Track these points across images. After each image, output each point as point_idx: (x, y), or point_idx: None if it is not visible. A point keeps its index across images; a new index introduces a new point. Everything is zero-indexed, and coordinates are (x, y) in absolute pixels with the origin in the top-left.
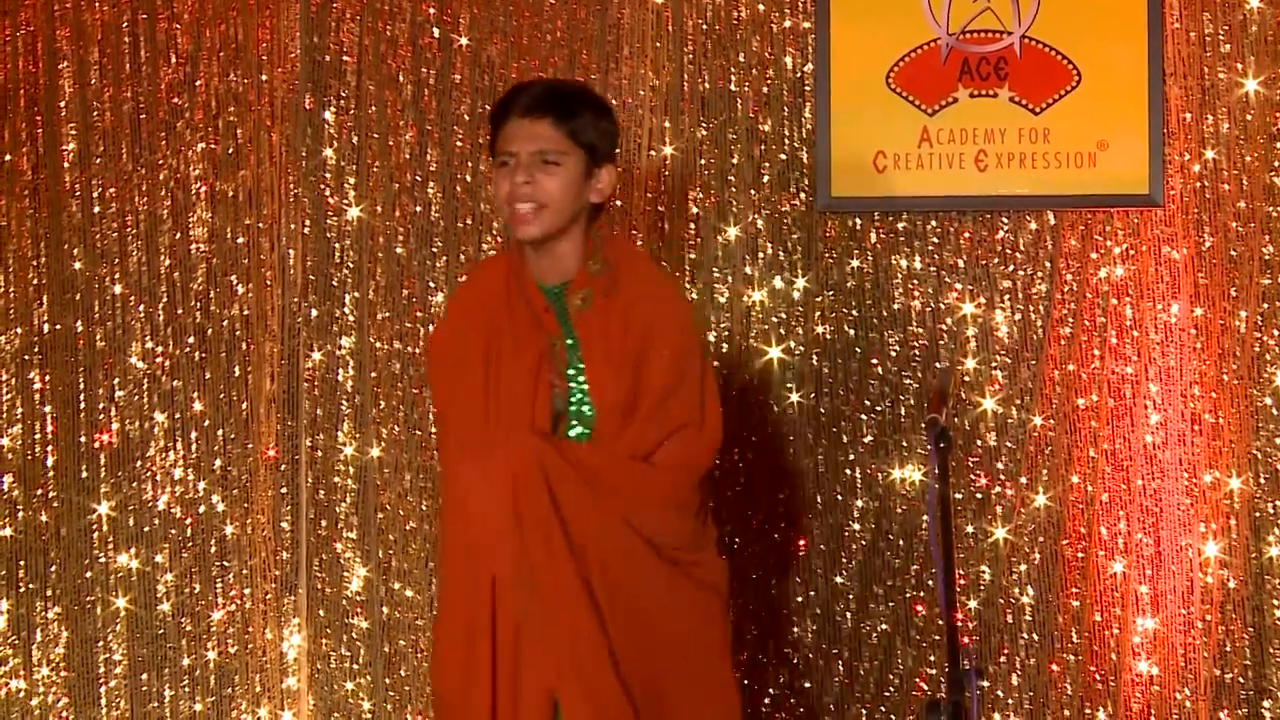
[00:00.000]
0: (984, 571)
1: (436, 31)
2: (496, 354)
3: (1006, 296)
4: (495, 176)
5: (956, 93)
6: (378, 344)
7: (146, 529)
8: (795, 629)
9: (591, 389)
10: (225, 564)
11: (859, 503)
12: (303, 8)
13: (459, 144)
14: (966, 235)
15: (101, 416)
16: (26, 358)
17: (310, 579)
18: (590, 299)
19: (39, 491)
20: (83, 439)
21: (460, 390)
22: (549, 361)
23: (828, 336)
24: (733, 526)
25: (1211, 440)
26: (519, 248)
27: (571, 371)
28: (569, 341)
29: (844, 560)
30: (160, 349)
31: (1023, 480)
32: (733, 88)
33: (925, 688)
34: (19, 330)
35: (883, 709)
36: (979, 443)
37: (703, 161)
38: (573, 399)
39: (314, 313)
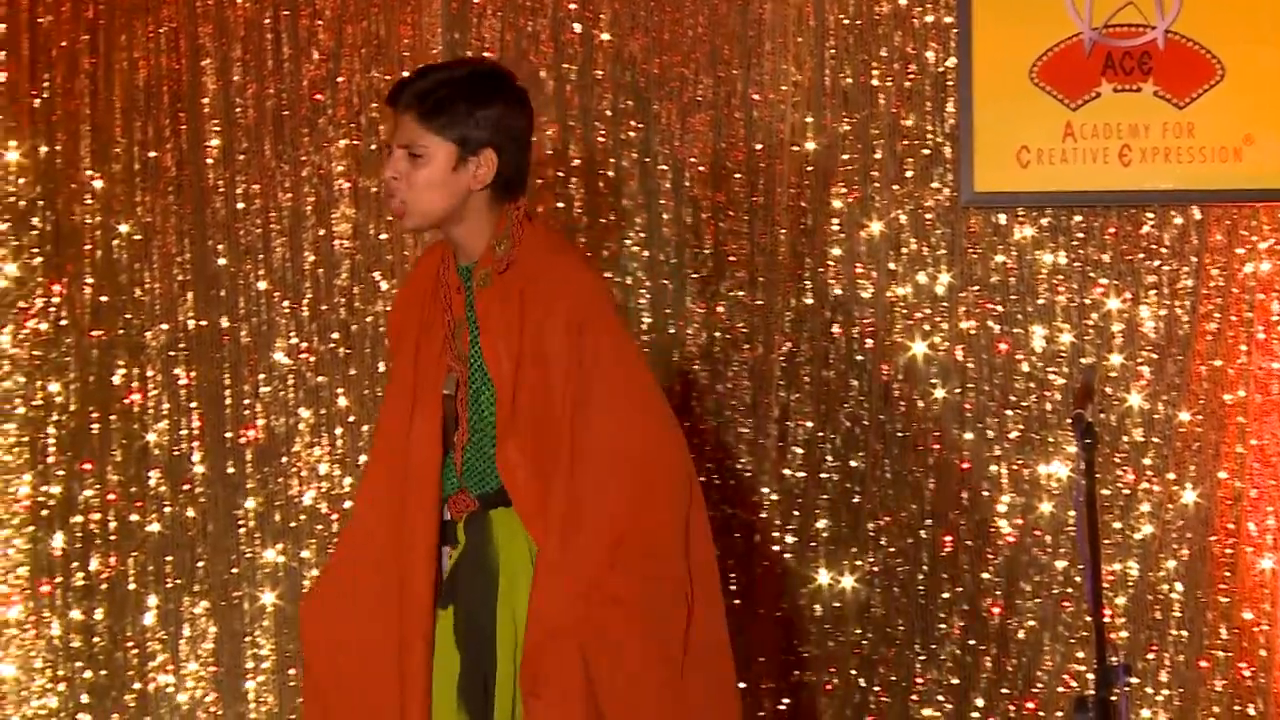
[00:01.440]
0: (1131, 568)
1: (578, 27)
2: (422, 337)
3: (1152, 292)
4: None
5: (1100, 87)
6: None
7: (292, 524)
8: (942, 625)
9: (489, 364)
10: None
11: (1005, 499)
12: (444, 3)
13: (601, 140)
14: (1111, 230)
15: (247, 412)
16: (172, 354)
17: None
18: (489, 278)
19: (186, 487)
20: (228, 435)
21: (393, 366)
22: (449, 344)
23: (972, 332)
24: (877, 524)
25: None
26: None
27: (475, 352)
28: (472, 322)
29: (990, 556)
30: (304, 345)
31: (1170, 476)
32: (875, 82)
33: (1073, 684)
34: (165, 327)
35: (1030, 706)
36: (1125, 439)
37: (845, 157)
38: (473, 379)
39: None
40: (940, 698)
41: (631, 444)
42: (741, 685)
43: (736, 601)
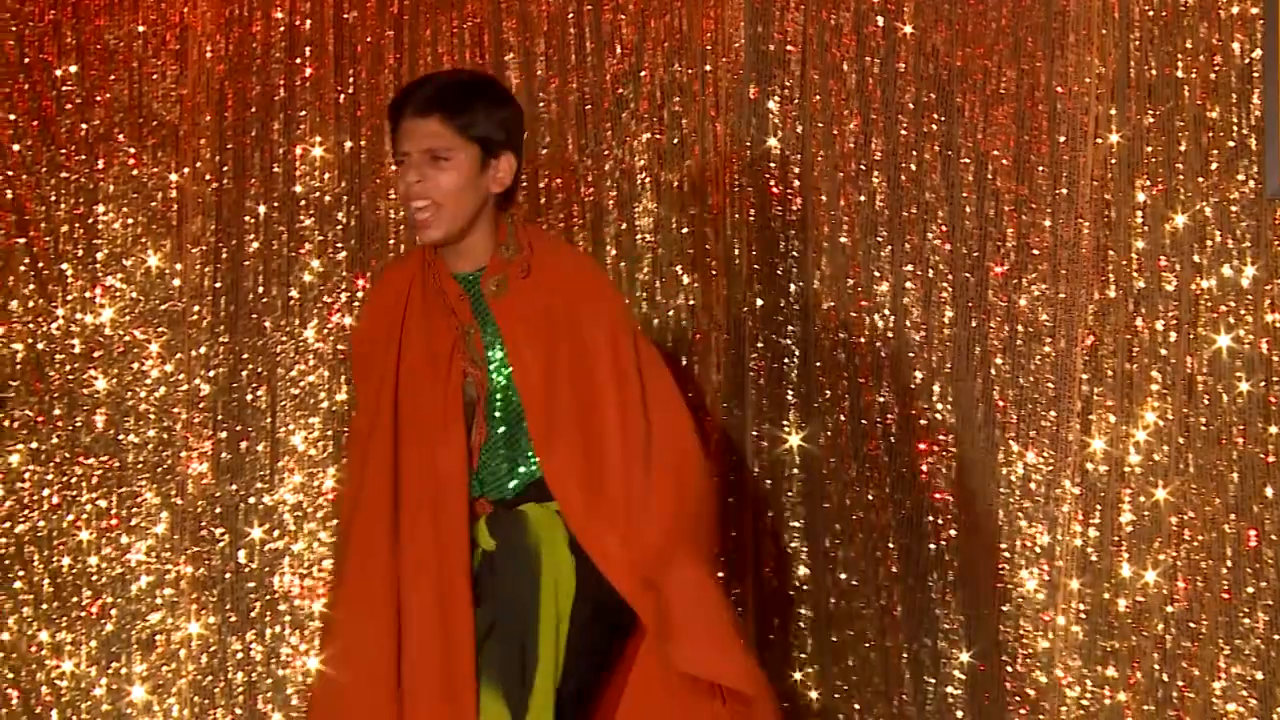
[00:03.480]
0: None
1: (880, 20)
2: (407, 348)
3: None
4: (395, 177)
5: None
6: (822, 333)
7: None
8: (1246, 620)
9: (515, 373)
10: None
11: None
12: None
13: (903, 133)
14: None
15: None
16: None
17: (757, 568)
18: (505, 284)
19: None
20: None
21: (365, 390)
22: (462, 349)
23: (1278, 325)
24: (1180, 518)
25: None
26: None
27: (494, 357)
28: (486, 329)
29: None
30: None
31: None
32: (1179, 74)
33: None
34: None
35: None
36: None
37: (1149, 149)
38: (497, 387)
39: (759, 302)
40: (1244, 693)
41: (683, 442)
42: (1044, 680)
43: (1040, 596)
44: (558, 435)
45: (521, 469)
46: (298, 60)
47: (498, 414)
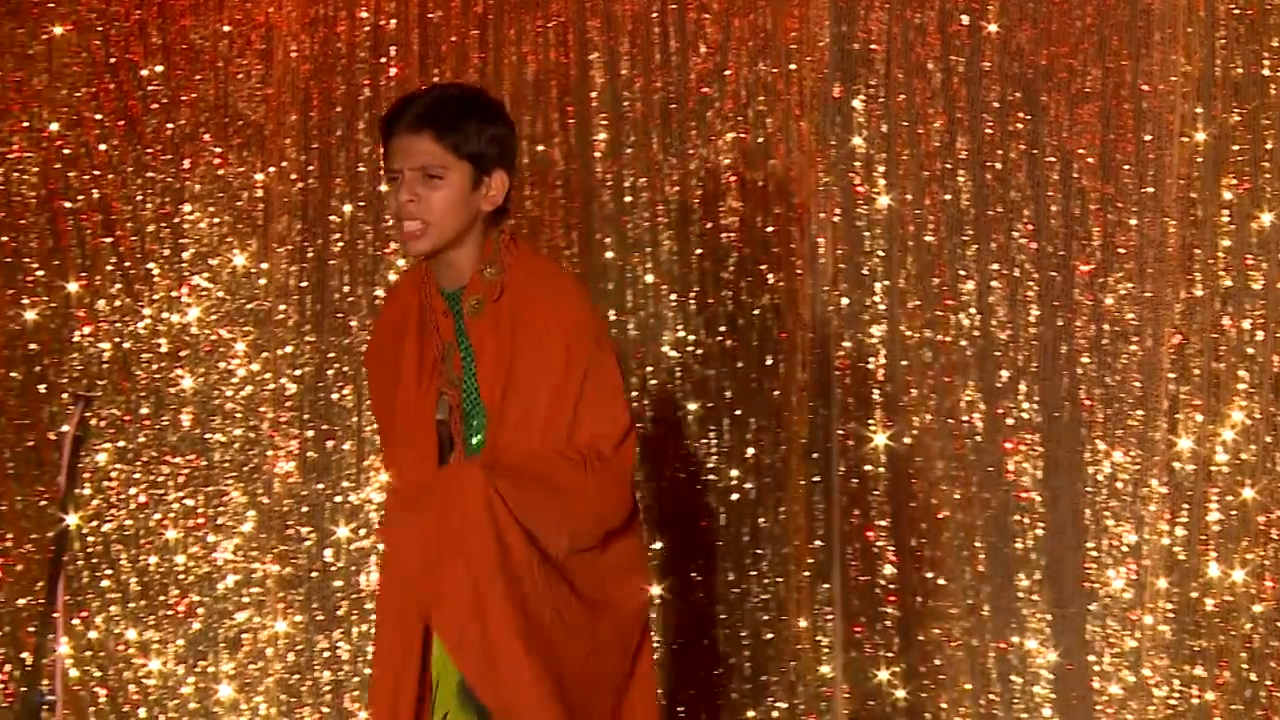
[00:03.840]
0: None
1: (965, 19)
2: (405, 361)
3: None
4: (387, 192)
5: None
6: (908, 332)
7: (678, 516)
8: None
9: (482, 393)
10: (759, 551)
11: None
12: None
13: (988, 131)
14: None
15: (635, 405)
16: None
17: (843, 567)
18: (482, 305)
19: None
20: None
21: (379, 401)
22: (439, 368)
23: None
24: (1268, 516)
25: None
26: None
27: (470, 376)
28: (463, 347)
29: None
30: (692, 337)
31: None
32: (1265, 73)
33: None
34: None
35: None
36: None
37: (1236, 148)
38: (466, 403)
39: (845, 301)
40: None
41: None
42: (1132, 679)
43: (1127, 595)
44: (500, 448)
45: None
46: (382, 60)
47: (475, 434)
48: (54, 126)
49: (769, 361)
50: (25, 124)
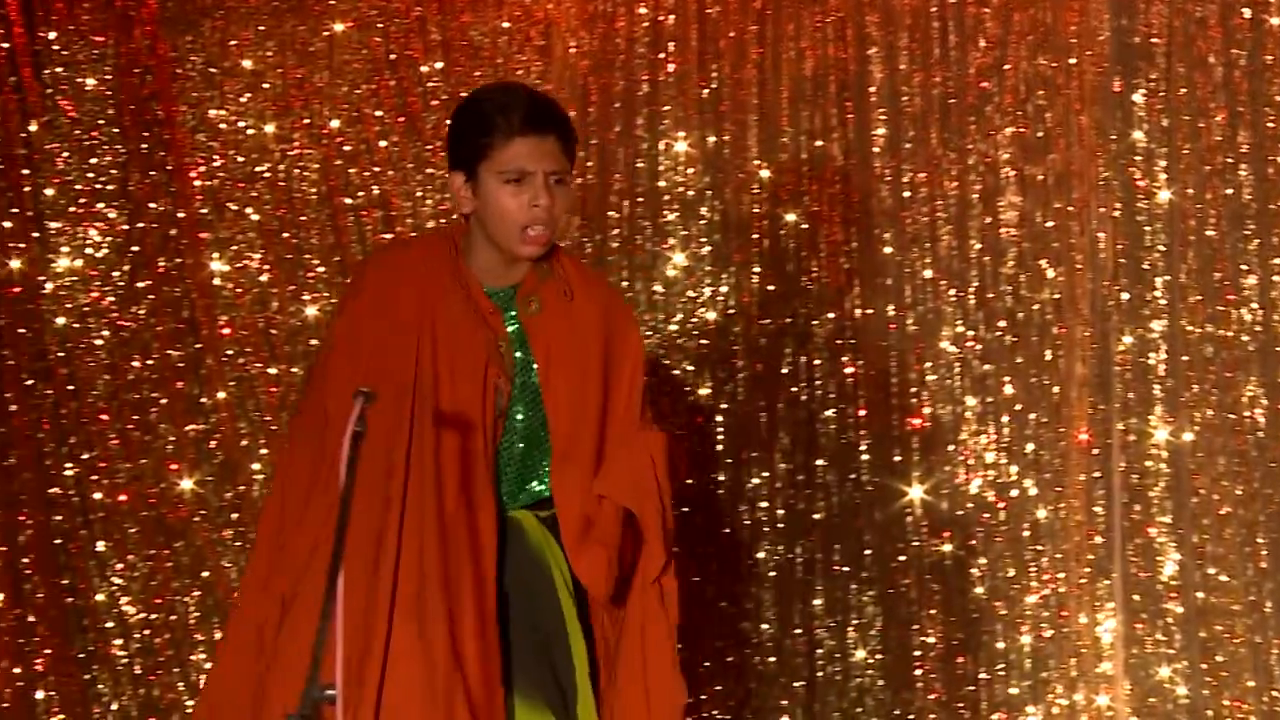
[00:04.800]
0: None
1: (1247, 12)
2: (435, 343)
3: None
4: (496, 191)
5: None
6: (1189, 327)
7: (959, 513)
8: None
9: (544, 392)
10: (1038, 548)
11: None
12: None
13: (1270, 125)
14: None
15: (913, 400)
16: (839, 342)
17: (1124, 564)
18: (541, 304)
19: (852, 475)
20: (894, 422)
21: (370, 354)
22: (496, 363)
23: None
24: None
25: None
26: (459, 243)
27: (521, 374)
28: (516, 346)
29: None
30: (971, 333)
31: None
32: None
33: None
34: (831, 315)
35: None
36: None
37: None
38: (520, 404)
39: (1125, 296)
40: None
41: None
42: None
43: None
44: (574, 458)
45: (530, 486)
46: (661, 55)
47: (518, 430)
48: (334, 123)
49: (1048, 357)
50: (306, 121)
